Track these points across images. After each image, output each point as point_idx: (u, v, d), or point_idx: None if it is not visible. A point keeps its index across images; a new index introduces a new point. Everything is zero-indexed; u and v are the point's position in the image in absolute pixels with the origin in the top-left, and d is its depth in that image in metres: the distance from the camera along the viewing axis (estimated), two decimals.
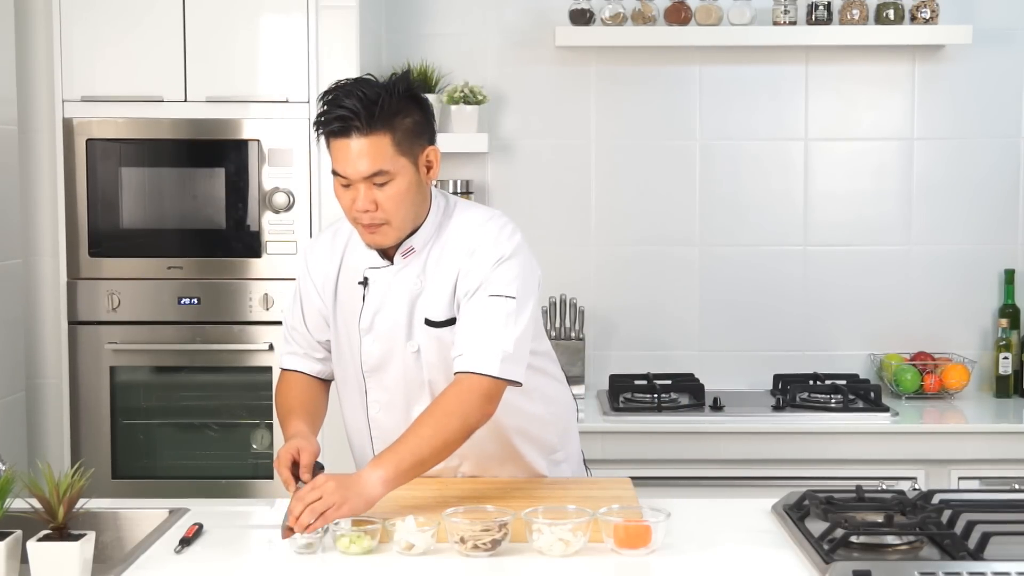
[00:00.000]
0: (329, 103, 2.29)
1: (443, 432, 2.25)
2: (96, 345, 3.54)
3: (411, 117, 2.31)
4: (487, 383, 2.29)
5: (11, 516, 2.00)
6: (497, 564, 2.07)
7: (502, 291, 2.33)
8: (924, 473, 3.46)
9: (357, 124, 2.25)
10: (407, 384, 2.42)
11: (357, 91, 2.27)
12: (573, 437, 2.66)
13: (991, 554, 2.00)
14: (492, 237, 2.38)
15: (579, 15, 3.84)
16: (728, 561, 2.11)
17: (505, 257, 2.35)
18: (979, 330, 4.00)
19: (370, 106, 2.25)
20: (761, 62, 3.96)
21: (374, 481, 2.18)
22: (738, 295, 4.00)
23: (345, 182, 2.30)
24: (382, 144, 2.27)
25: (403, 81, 2.33)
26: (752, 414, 3.56)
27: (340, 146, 2.28)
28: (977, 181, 3.97)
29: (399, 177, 2.30)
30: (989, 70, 3.94)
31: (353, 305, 2.44)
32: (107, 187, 3.53)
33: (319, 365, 2.56)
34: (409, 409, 2.41)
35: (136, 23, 3.47)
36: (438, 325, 2.38)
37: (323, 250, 2.51)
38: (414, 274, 2.39)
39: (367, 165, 2.27)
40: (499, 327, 2.31)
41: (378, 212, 2.30)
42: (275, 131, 3.50)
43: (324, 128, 2.30)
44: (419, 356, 2.40)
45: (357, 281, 2.44)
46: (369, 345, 2.42)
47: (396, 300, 2.40)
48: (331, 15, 3.47)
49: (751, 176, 3.99)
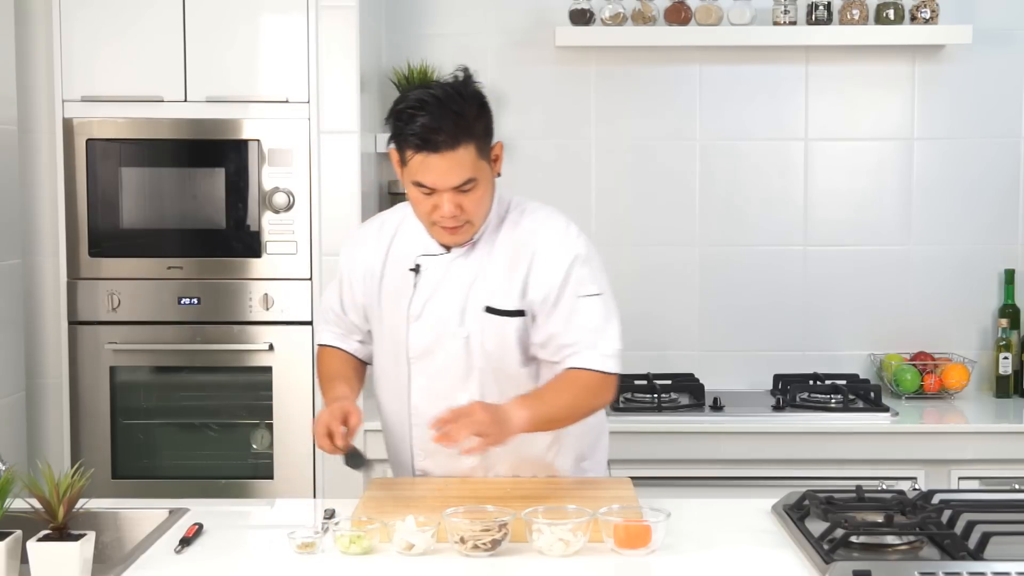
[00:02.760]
0: (408, 119, 2.28)
1: (577, 400, 2.40)
2: (96, 345, 3.54)
3: (483, 120, 2.35)
4: (601, 376, 2.41)
5: (11, 516, 2.00)
6: (497, 564, 2.07)
7: (588, 290, 2.42)
8: (924, 473, 3.46)
9: (444, 139, 2.26)
10: (453, 371, 2.45)
11: (436, 103, 2.27)
12: (603, 446, 2.70)
13: (991, 554, 2.00)
14: (561, 236, 2.44)
15: (579, 15, 3.84)
16: (728, 561, 2.11)
17: (580, 256, 2.42)
18: (979, 330, 4.00)
19: (457, 120, 2.27)
20: (761, 62, 3.96)
21: (519, 419, 2.29)
22: (738, 295, 4.00)
23: (427, 191, 2.32)
24: (468, 155, 2.30)
25: (470, 84, 2.35)
26: (752, 414, 3.56)
27: (427, 161, 2.29)
28: (977, 181, 3.97)
29: (482, 181, 2.34)
30: (989, 70, 3.94)
31: (401, 293, 2.47)
32: (107, 187, 3.53)
33: (356, 345, 2.62)
34: (453, 396, 2.43)
35: (136, 23, 3.47)
36: (504, 314, 2.41)
37: (369, 240, 2.55)
38: (472, 263, 2.43)
39: (457, 177, 2.30)
40: (602, 325, 2.41)
41: (462, 215, 2.34)
42: (275, 131, 3.50)
43: (408, 145, 2.30)
44: (468, 343, 2.43)
45: (408, 268, 2.46)
46: (417, 331, 2.45)
47: (450, 287, 2.43)
48: (331, 15, 3.47)
49: (751, 176, 3.99)
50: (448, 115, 2.26)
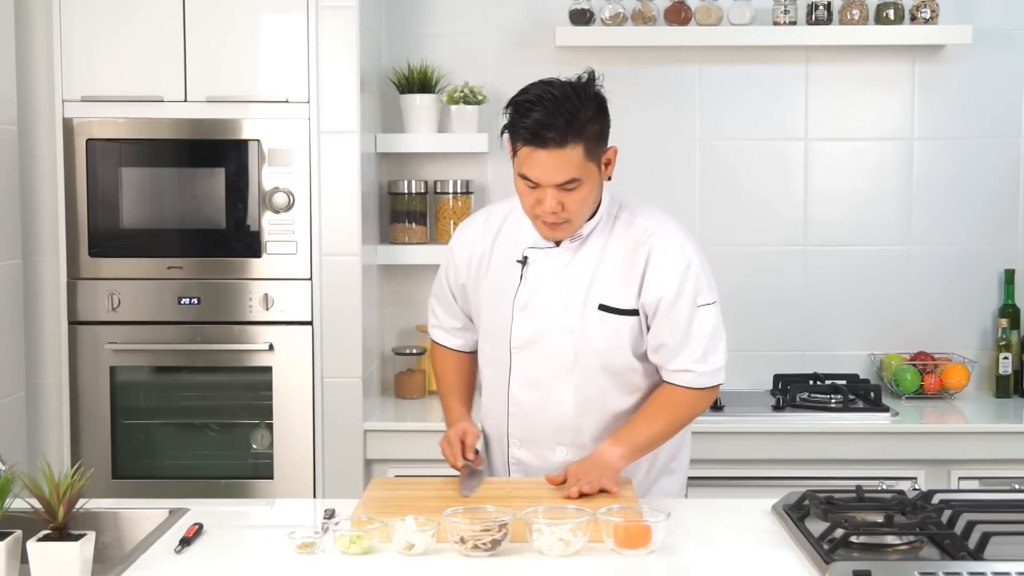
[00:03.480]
0: (524, 112, 2.33)
1: (674, 419, 2.49)
2: (96, 345, 3.54)
3: (598, 123, 2.39)
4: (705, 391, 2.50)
5: (11, 516, 2.00)
6: (497, 564, 2.07)
7: (706, 299, 2.47)
8: (924, 473, 3.47)
9: (554, 137, 2.30)
10: (555, 364, 2.49)
11: (551, 99, 2.31)
12: (686, 449, 2.72)
13: (991, 554, 2.00)
14: (676, 242, 2.48)
15: (579, 15, 3.84)
16: (728, 561, 2.11)
17: (695, 263, 2.47)
18: (979, 330, 4.00)
19: (569, 119, 2.31)
20: (761, 62, 3.96)
21: (615, 457, 2.40)
22: (738, 295, 3.99)
23: (532, 185, 2.36)
24: (575, 154, 2.33)
25: (591, 86, 2.39)
26: (752, 414, 3.56)
27: (534, 155, 2.33)
28: (977, 181, 3.97)
29: (587, 182, 2.37)
30: (989, 70, 3.94)
31: (508, 283, 2.51)
32: (107, 187, 3.53)
33: (460, 339, 2.69)
34: (552, 388, 2.49)
35: (136, 23, 3.47)
36: (617, 312, 2.45)
37: (475, 231, 2.61)
38: (581, 258, 2.47)
39: (561, 175, 2.34)
40: (715, 335, 2.49)
41: (563, 213, 2.38)
42: (275, 131, 3.50)
43: (519, 137, 2.35)
44: (570, 337, 2.46)
45: (515, 260, 2.51)
46: (521, 322, 2.49)
47: (557, 281, 2.47)
48: (331, 15, 3.47)
49: (751, 176, 3.99)
50: (561, 113, 2.30)
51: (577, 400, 2.49)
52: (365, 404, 3.55)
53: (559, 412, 2.51)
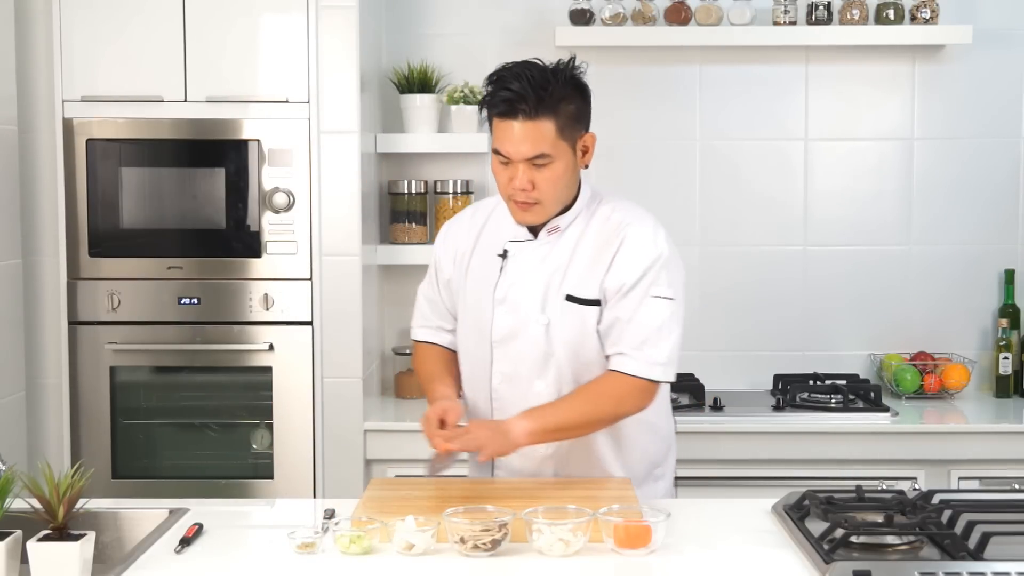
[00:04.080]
0: (497, 85, 2.37)
1: (594, 410, 2.42)
2: (96, 345, 3.53)
3: (574, 103, 2.40)
4: (645, 383, 2.43)
5: (11, 516, 2.00)
6: (497, 564, 2.07)
7: (663, 292, 2.44)
8: (924, 473, 3.46)
9: (524, 107, 2.34)
10: (533, 357, 2.49)
11: (526, 74, 2.35)
12: (672, 456, 2.71)
13: (991, 554, 2.00)
14: (650, 234, 2.47)
15: (579, 15, 3.84)
16: (728, 561, 2.11)
17: (664, 257, 2.45)
18: (979, 330, 4.00)
19: (539, 91, 2.34)
20: (761, 62, 3.96)
21: (520, 430, 2.35)
22: (738, 295, 4.00)
23: (505, 160, 2.39)
24: (546, 128, 2.35)
25: (569, 67, 2.41)
26: (752, 414, 3.56)
27: (505, 127, 2.36)
28: (977, 181, 3.97)
29: (558, 161, 2.38)
30: (989, 70, 3.94)
31: (488, 277, 2.52)
32: (107, 187, 3.53)
33: (449, 336, 2.68)
34: (532, 383, 2.49)
35: (136, 23, 3.47)
36: (582, 303, 2.45)
37: (462, 225, 2.63)
38: (557, 251, 2.47)
39: (530, 148, 2.35)
40: (663, 329, 2.42)
41: (534, 192, 2.39)
42: (275, 131, 3.50)
43: (492, 109, 2.38)
44: (548, 330, 2.46)
45: (496, 253, 2.52)
46: (501, 316, 2.50)
47: (534, 274, 2.48)
48: (331, 15, 3.47)
49: (751, 176, 3.99)
50: (535, 87, 2.33)
51: (553, 394, 2.48)
52: (365, 404, 3.55)
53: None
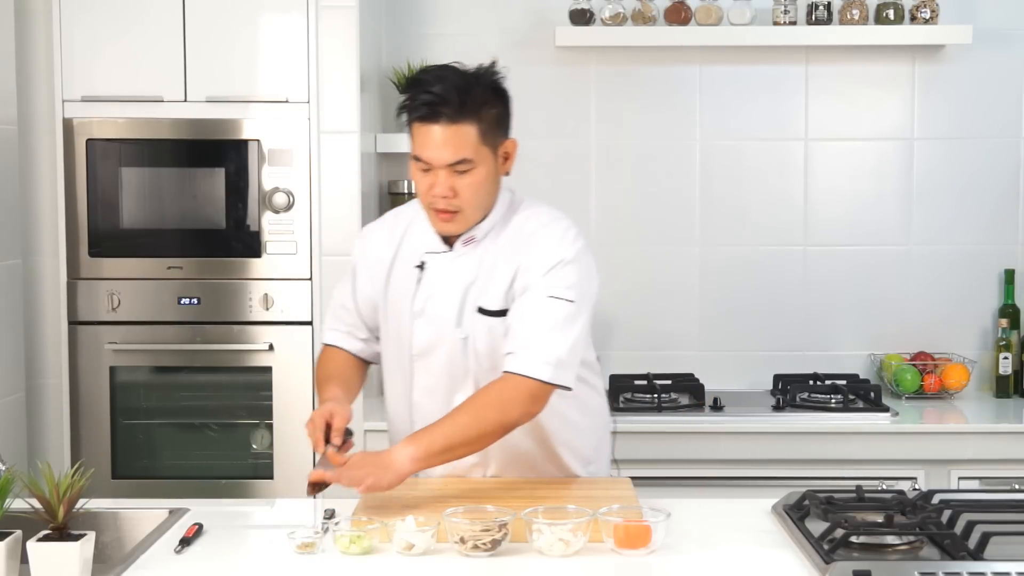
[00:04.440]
0: (417, 89, 2.32)
1: (479, 423, 2.29)
2: (96, 345, 3.54)
3: (496, 108, 2.37)
4: (534, 384, 2.32)
5: (11, 516, 2.00)
6: (497, 564, 2.07)
7: (562, 294, 2.36)
8: (924, 473, 3.46)
9: (446, 111, 2.29)
10: (452, 371, 2.44)
11: (448, 78, 2.30)
12: (605, 451, 2.69)
13: (991, 554, 2.00)
14: (556, 238, 2.41)
15: (579, 15, 3.84)
16: (728, 561, 2.11)
17: (567, 260, 2.38)
18: (979, 330, 4.00)
19: (461, 94, 2.29)
20: (761, 62, 3.96)
21: (403, 458, 2.25)
22: (738, 295, 4.00)
23: (425, 167, 2.33)
24: (468, 133, 2.31)
25: (490, 72, 2.38)
26: (752, 414, 3.56)
27: (426, 132, 2.31)
28: (977, 181, 3.97)
29: (480, 167, 2.34)
30: (989, 70, 3.94)
31: (407, 288, 2.47)
32: (107, 187, 3.53)
33: (360, 344, 2.61)
34: (452, 396, 2.44)
35: (136, 23, 3.47)
36: (491, 314, 2.40)
37: (381, 233, 2.55)
38: (472, 263, 2.42)
39: (452, 153, 2.30)
40: (556, 330, 2.33)
41: (455, 199, 2.34)
42: (275, 131, 3.50)
43: (412, 113, 2.33)
44: (466, 344, 2.42)
45: (414, 264, 2.46)
46: (420, 329, 2.45)
47: (450, 286, 2.43)
48: (331, 15, 3.47)
49: (751, 176, 3.99)
50: (457, 91, 2.29)
51: None
52: (365, 404, 3.54)
53: None
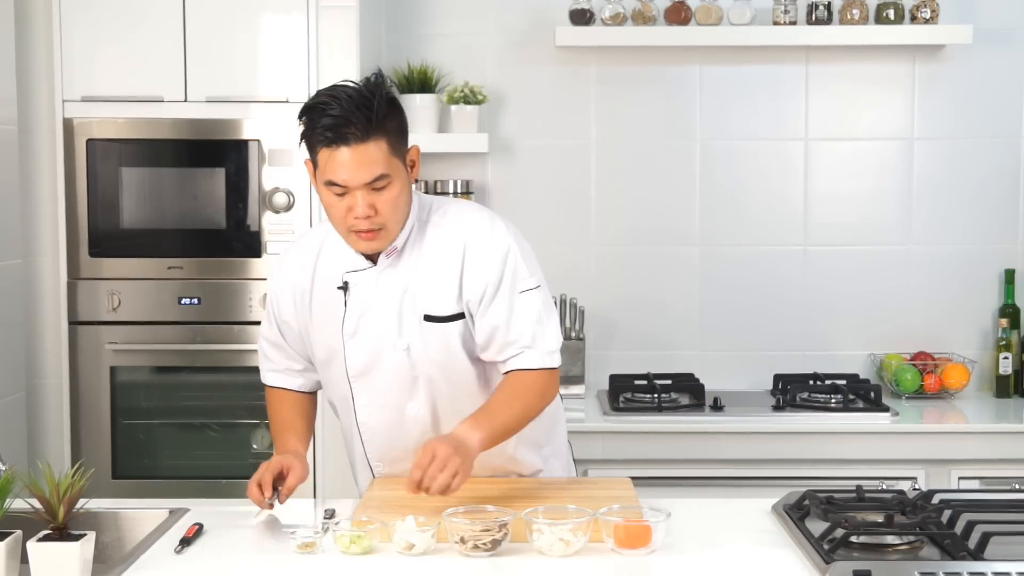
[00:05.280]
0: (315, 113, 2.26)
1: (527, 411, 2.37)
2: (96, 345, 3.54)
3: (395, 119, 2.31)
4: (548, 372, 2.39)
5: (11, 516, 1.99)
6: (497, 564, 2.07)
7: (526, 284, 2.38)
8: (924, 473, 3.46)
9: (353, 132, 2.23)
10: (399, 384, 2.41)
11: (345, 96, 2.24)
12: (560, 431, 2.66)
13: (991, 554, 2.00)
14: (487, 231, 2.39)
15: (579, 15, 3.84)
16: (728, 561, 2.11)
17: (510, 251, 2.38)
18: (979, 330, 4.00)
19: (364, 111, 2.23)
20: (761, 62, 3.96)
21: (473, 442, 2.26)
22: (738, 295, 4.00)
23: (340, 191, 2.27)
24: (380, 149, 2.25)
25: (381, 84, 2.30)
26: (752, 414, 3.56)
27: (336, 156, 2.24)
28: (977, 181, 3.97)
29: (395, 180, 2.29)
30: (989, 70, 3.94)
31: (334, 312, 2.41)
32: (107, 187, 3.53)
33: (300, 379, 2.56)
34: (402, 408, 2.42)
35: (136, 23, 3.47)
36: (442, 320, 2.38)
37: (294, 263, 2.48)
38: (401, 273, 2.38)
39: (367, 172, 2.24)
40: (543, 319, 2.38)
41: (376, 217, 2.28)
42: (275, 131, 3.50)
43: (319, 140, 2.25)
44: (409, 354, 2.38)
45: (336, 287, 2.41)
46: (354, 350, 2.40)
47: (383, 300, 2.38)
48: (331, 15, 3.47)
49: (751, 176, 3.99)
50: (359, 109, 2.23)
51: (431, 412, 2.42)
52: None
53: (418, 428, 2.43)
